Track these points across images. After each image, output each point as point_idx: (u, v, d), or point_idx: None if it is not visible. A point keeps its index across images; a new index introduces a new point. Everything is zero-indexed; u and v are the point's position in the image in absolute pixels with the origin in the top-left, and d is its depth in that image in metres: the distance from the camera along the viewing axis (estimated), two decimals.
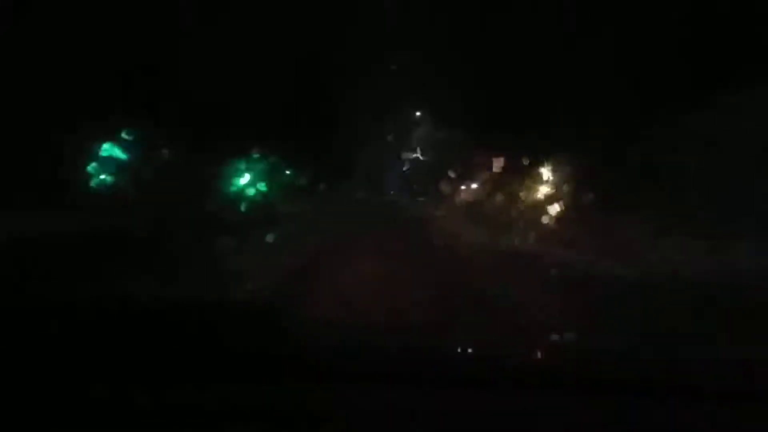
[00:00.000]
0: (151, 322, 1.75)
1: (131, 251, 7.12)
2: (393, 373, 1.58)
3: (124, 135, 11.16)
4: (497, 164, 15.97)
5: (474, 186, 18.45)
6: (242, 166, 14.25)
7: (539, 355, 1.91)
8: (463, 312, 4.86)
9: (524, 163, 14.77)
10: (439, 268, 7.75)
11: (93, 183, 11.02)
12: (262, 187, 14.30)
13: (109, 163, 11.17)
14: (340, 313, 4.69)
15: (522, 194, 14.76)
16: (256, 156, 14.42)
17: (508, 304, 5.58)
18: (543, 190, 14.08)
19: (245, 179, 14.22)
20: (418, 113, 20.59)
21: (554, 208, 13.09)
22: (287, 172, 16.04)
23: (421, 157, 23.15)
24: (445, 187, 19.72)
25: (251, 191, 14.04)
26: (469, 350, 1.91)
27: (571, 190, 12.78)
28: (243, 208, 13.10)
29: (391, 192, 24.61)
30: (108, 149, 11.18)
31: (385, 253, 8.69)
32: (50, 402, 1.47)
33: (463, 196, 19.09)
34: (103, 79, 10.24)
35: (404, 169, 24.15)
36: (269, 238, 10.12)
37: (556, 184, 13.69)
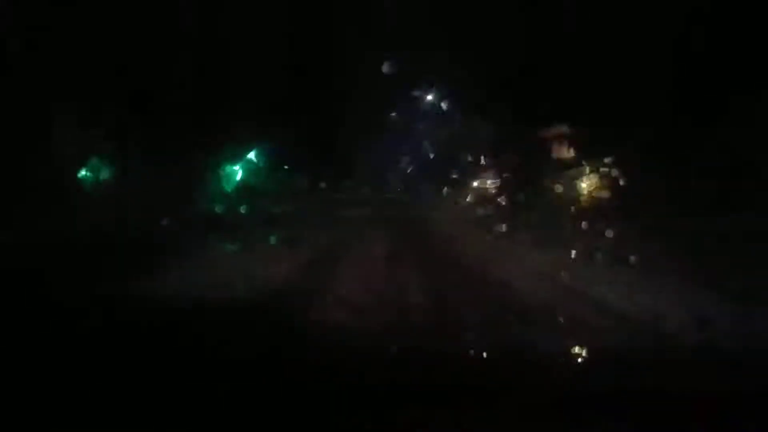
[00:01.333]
0: (150, 323, 1.83)
1: (126, 251, 7.20)
2: (392, 375, 1.65)
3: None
4: (563, 150, 13.09)
5: (490, 183, 17.86)
6: (239, 163, 14.27)
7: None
8: None
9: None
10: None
11: (81, 176, 11.05)
12: (258, 185, 14.30)
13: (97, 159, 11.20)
14: (338, 318, 4.73)
15: (568, 194, 12.59)
16: (253, 153, 14.43)
17: None
18: (595, 189, 11.97)
19: (241, 177, 14.23)
20: (428, 98, 20.30)
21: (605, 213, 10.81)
22: (285, 168, 16.01)
23: (430, 154, 22.90)
24: (453, 185, 19.43)
25: (247, 190, 14.04)
26: (472, 355, 1.98)
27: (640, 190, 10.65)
28: (239, 207, 13.12)
29: (398, 189, 24.35)
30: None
31: (380, 266, 8.23)
32: (50, 402, 1.54)
33: (474, 195, 18.60)
34: (91, 74, 10.30)
35: (408, 170, 23.86)
36: (263, 238, 10.14)
37: (612, 181, 11.70)
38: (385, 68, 16.00)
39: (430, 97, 20.69)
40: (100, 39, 10.26)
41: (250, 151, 14.42)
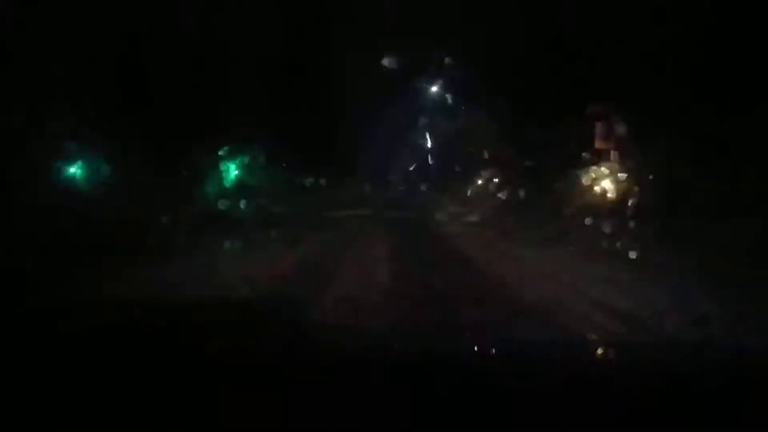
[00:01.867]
0: (151, 323, 1.86)
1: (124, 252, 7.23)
2: (392, 374, 1.67)
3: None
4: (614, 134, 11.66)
5: (494, 180, 17.63)
6: (236, 161, 14.23)
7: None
8: None
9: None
10: None
11: (70, 173, 11.01)
12: (256, 183, 14.25)
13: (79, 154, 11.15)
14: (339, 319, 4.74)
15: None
16: (251, 151, 14.39)
17: None
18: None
19: (238, 175, 14.18)
20: (431, 90, 20.15)
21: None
22: (284, 165, 15.96)
23: (432, 150, 22.75)
24: (456, 182, 19.33)
25: (245, 188, 14.00)
26: (474, 352, 2.00)
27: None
28: (237, 205, 13.10)
29: (399, 187, 24.34)
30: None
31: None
32: (49, 402, 1.56)
33: (477, 192, 18.41)
34: (87, 70, 10.30)
35: (410, 167, 23.74)
36: (262, 239, 10.11)
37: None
38: (386, 62, 15.93)
39: (434, 89, 20.58)
40: (98, 35, 10.28)
41: (249, 148, 14.39)
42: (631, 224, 9.85)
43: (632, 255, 8.27)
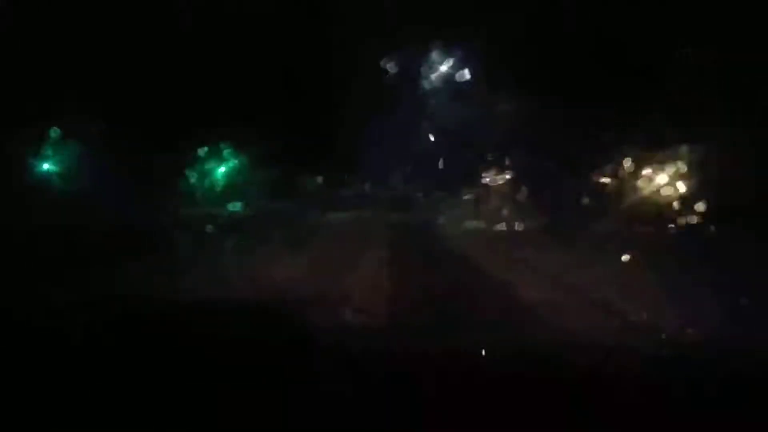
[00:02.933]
0: (151, 324, 1.91)
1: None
2: (393, 373, 1.71)
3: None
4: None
5: (505, 178, 17.30)
6: (231, 160, 14.18)
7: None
8: None
9: None
10: None
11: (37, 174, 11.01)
12: (250, 182, 14.19)
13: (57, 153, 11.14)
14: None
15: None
16: (248, 150, 14.34)
17: None
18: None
19: (231, 175, 14.13)
20: (434, 87, 19.97)
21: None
22: (279, 165, 15.84)
23: (436, 146, 22.55)
24: (462, 181, 19.13)
25: (238, 188, 13.93)
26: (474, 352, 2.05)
27: None
28: (231, 207, 13.07)
29: (400, 188, 24.18)
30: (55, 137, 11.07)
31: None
32: (51, 402, 1.60)
33: (484, 192, 18.17)
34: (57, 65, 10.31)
35: (411, 166, 23.63)
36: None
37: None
38: (388, 60, 15.88)
39: (437, 88, 20.45)
40: (93, 33, 10.32)
41: (247, 148, 14.34)
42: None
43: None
